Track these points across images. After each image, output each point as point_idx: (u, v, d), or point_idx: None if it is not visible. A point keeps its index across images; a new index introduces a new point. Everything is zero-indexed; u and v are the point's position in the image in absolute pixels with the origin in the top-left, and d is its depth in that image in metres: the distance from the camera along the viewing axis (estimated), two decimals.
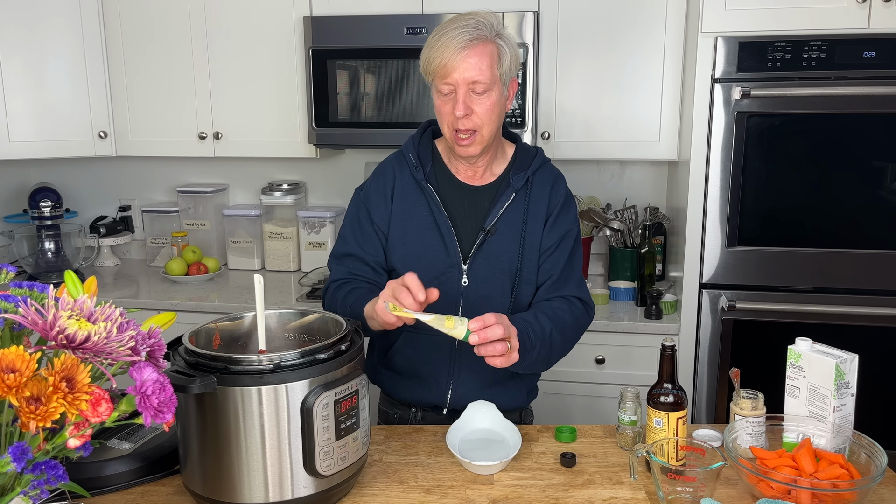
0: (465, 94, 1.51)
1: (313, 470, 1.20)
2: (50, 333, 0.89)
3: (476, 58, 1.50)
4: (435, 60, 1.51)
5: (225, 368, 1.17)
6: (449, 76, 1.50)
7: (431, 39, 1.53)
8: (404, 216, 1.65)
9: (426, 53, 1.54)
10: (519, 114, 2.49)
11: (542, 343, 1.51)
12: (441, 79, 1.52)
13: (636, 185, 2.91)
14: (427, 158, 1.67)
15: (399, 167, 1.68)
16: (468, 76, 1.50)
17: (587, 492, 1.34)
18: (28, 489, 0.88)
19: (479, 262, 1.62)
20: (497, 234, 1.62)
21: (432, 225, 1.63)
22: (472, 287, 1.62)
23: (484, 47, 1.50)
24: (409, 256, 1.63)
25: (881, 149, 2.17)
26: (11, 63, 2.66)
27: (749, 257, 2.28)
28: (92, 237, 3.06)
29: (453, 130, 1.55)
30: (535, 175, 1.66)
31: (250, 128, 2.78)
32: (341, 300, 1.61)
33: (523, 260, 1.63)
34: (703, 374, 2.37)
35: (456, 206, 1.64)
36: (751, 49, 2.18)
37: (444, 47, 1.49)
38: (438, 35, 1.52)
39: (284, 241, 3.02)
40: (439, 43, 1.51)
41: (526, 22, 2.46)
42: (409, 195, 1.65)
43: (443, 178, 1.67)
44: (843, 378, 1.36)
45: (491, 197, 1.65)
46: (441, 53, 1.50)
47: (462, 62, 1.49)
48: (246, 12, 2.69)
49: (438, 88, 1.54)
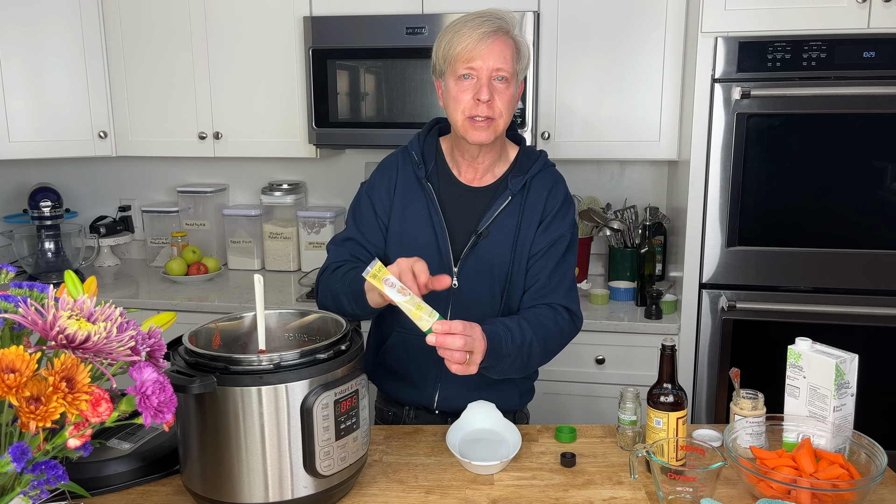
0: (487, 80, 1.51)
1: (313, 470, 1.20)
2: (50, 333, 0.89)
3: (501, 47, 1.51)
4: (458, 45, 1.50)
5: (225, 368, 1.17)
6: (473, 61, 1.50)
7: (452, 26, 1.53)
8: (403, 212, 1.64)
9: (447, 38, 1.53)
10: (519, 114, 2.49)
11: (520, 352, 1.46)
12: (464, 63, 1.51)
13: (636, 185, 2.91)
14: (430, 156, 1.66)
15: (403, 163, 1.68)
16: (492, 64, 1.50)
17: (587, 492, 1.34)
18: (28, 489, 0.88)
19: (470, 265, 1.61)
20: (489, 238, 1.60)
21: (428, 224, 1.62)
22: (462, 289, 1.61)
23: (507, 39, 1.52)
24: (402, 253, 1.61)
25: (881, 149, 2.17)
26: (11, 63, 2.66)
27: (749, 257, 2.28)
28: (92, 237, 3.06)
29: (468, 117, 1.54)
30: (534, 179, 1.64)
31: (250, 128, 2.78)
32: (341, 277, 1.56)
33: (514, 265, 1.61)
34: (703, 374, 2.37)
35: (453, 206, 1.63)
36: (751, 49, 2.18)
37: (469, 34, 1.49)
38: (461, 23, 1.52)
39: (284, 241, 3.02)
40: (464, 28, 1.51)
41: (526, 22, 2.46)
42: (409, 192, 1.65)
43: (443, 177, 1.66)
44: (843, 378, 1.36)
45: (488, 199, 1.63)
46: (465, 39, 1.49)
47: (488, 49, 1.49)
48: (246, 12, 2.69)
49: (458, 74, 1.52)
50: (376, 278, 1.32)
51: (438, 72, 1.60)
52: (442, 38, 1.55)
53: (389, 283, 1.31)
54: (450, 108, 1.57)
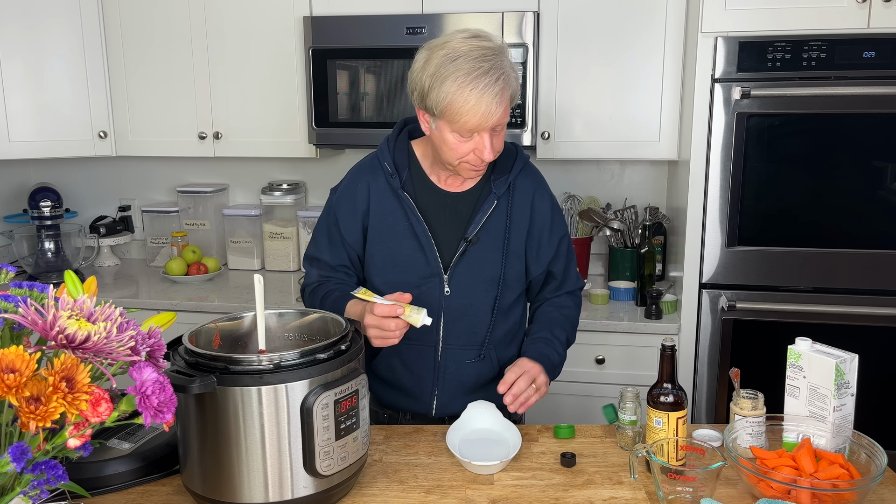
0: (489, 136, 1.45)
1: (313, 470, 1.20)
2: (50, 333, 0.89)
3: (505, 104, 1.44)
4: (462, 110, 1.40)
5: (225, 368, 1.17)
6: (479, 131, 1.44)
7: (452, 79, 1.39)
8: (381, 223, 1.61)
9: (446, 94, 1.40)
10: (519, 114, 2.49)
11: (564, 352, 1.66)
12: (467, 130, 1.44)
13: (636, 185, 2.91)
14: (403, 164, 1.61)
15: (373, 174, 1.62)
16: (495, 122, 1.44)
17: (587, 492, 1.34)
18: (28, 489, 0.88)
19: (461, 271, 1.60)
20: (479, 243, 1.59)
21: (410, 234, 1.59)
22: (455, 296, 1.60)
23: (506, 88, 1.43)
24: (387, 265, 1.62)
25: (881, 149, 2.17)
26: (11, 63, 2.67)
27: (749, 257, 2.28)
28: (92, 237, 3.06)
29: (464, 163, 1.51)
30: (517, 180, 1.62)
31: (250, 128, 2.78)
32: (318, 306, 1.63)
33: (506, 268, 1.62)
34: (703, 374, 2.37)
35: (435, 214, 1.60)
36: (751, 49, 2.18)
37: (476, 102, 1.39)
38: (462, 79, 1.39)
39: (284, 241, 3.02)
40: (466, 89, 1.39)
41: (526, 22, 2.46)
42: (385, 202, 1.61)
43: (420, 184, 1.62)
44: (843, 378, 1.36)
45: (472, 204, 1.61)
46: (471, 107, 1.40)
47: (493, 116, 1.42)
48: (246, 12, 2.69)
49: (458, 131, 1.45)
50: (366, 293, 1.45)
51: (426, 108, 1.48)
52: (437, 84, 1.41)
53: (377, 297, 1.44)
54: (444, 151, 1.51)
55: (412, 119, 1.65)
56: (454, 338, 1.62)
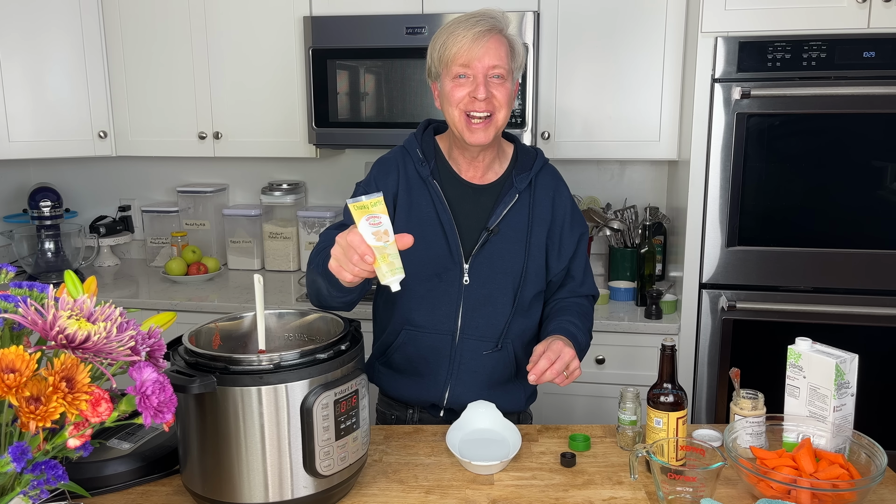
0: (483, 79, 1.53)
1: (313, 470, 1.20)
2: (50, 333, 0.89)
3: (495, 45, 1.53)
4: (453, 47, 1.52)
5: (225, 368, 1.17)
6: (468, 61, 1.52)
7: (447, 28, 1.55)
8: (409, 210, 1.64)
9: (441, 40, 1.55)
10: (519, 114, 2.49)
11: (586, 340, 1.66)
12: (459, 64, 1.53)
13: (636, 185, 2.91)
14: (430, 155, 1.67)
15: (403, 162, 1.67)
16: (488, 62, 1.52)
17: (587, 492, 1.34)
18: (28, 489, 0.88)
19: (482, 262, 1.62)
20: (500, 235, 1.63)
21: (435, 221, 1.63)
22: (474, 286, 1.62)
23: (501, 38, 1.54)
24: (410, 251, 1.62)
25: (881, 149, 2.17)
26: (11, 63, 2.66)
27: (749, 257, 2.28)
28: (92, 237, 3.06)
29: (466, 115, 1.55)
30: (538, 177, 1.68)
31: (250, 128, 2.77)
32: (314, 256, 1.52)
33: (528, 262, 1.64)
34: (703, 374, 2.37)
35: (459, 204, 1.64)
36: (751, 49, 2.18)
37: (463, 34, 1.52)
38: (454, 25, 1.54)
39: (284, 241, 3.02)
40: (458, 30, 1.53)
41: (526, 22, 2.46)
42: (413, 189, 1.65)
43: (446, 175, 1.67)
44: (843, 378, 1.36)
45: (494, 196, 1.65)
46: (460, 40, 1.52)
47: (483, 48, 1.51)
48: (246, 12, 2.69)
49: (454, 74, 1.54)
50: (364, 208, 1.16)
51: (434, 74, 1.61)
52: (436, 41, 1.57)
53: (373, 221, 1.15)
54: (446, 106, 1.58)
55: (436, 119, 1.73)
56: (472, 328, 1.63)
